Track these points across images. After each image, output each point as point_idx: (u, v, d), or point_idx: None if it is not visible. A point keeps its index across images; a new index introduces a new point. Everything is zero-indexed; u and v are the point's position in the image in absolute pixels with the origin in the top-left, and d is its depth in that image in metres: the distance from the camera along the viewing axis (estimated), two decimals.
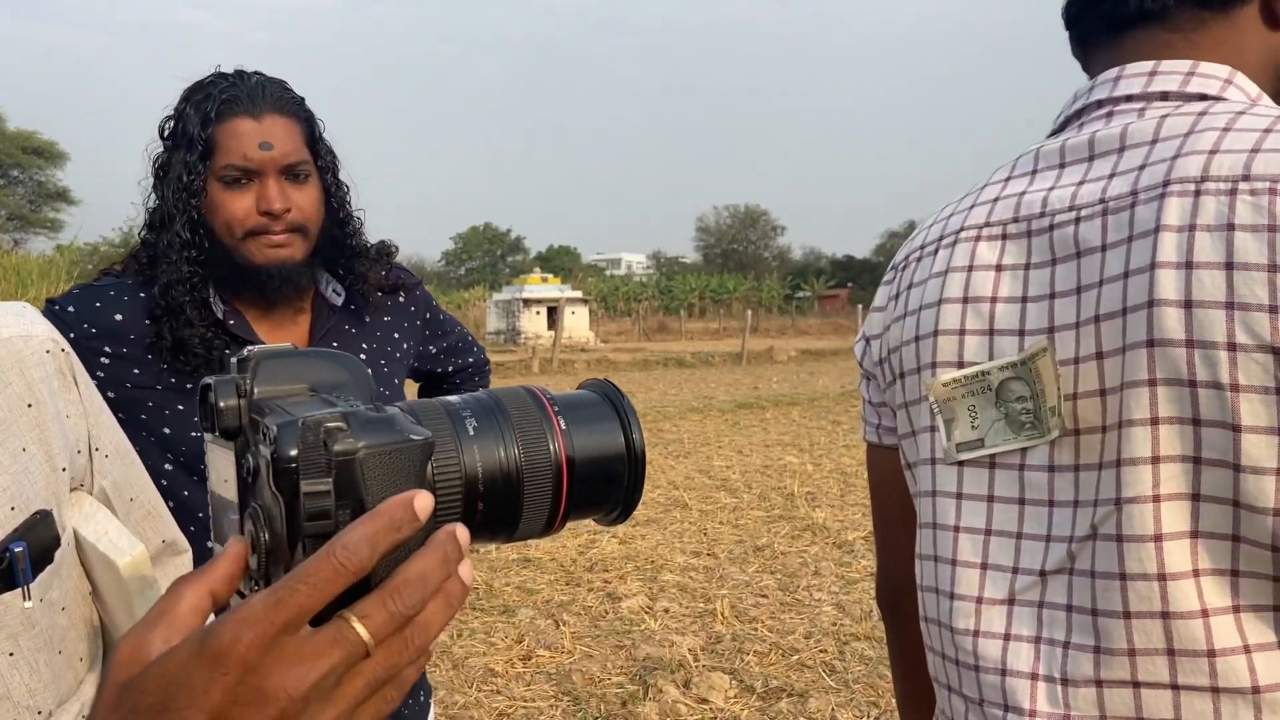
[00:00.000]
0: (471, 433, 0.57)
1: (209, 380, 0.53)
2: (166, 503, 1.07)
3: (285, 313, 1.42)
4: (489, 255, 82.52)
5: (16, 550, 0.78)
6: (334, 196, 1.43)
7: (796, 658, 4.19)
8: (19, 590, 0.79)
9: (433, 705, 1.57)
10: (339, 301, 1.47)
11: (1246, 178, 0.63)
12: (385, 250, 1.51)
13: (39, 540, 0.81)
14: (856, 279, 63.88)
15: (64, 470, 0.86)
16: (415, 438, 0.50)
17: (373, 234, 1.55)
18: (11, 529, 0.79)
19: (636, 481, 0.62)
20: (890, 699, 3.72)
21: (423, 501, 0.47)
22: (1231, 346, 0.62)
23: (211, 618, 0.45)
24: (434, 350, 1.65)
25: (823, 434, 10.97)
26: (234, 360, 0.54)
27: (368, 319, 1.50)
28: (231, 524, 0.53)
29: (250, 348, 0.54)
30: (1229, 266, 0.63)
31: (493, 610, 4.97)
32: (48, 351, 0.86)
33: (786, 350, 27.00)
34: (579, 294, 40.34)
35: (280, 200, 1.32)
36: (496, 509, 0.57)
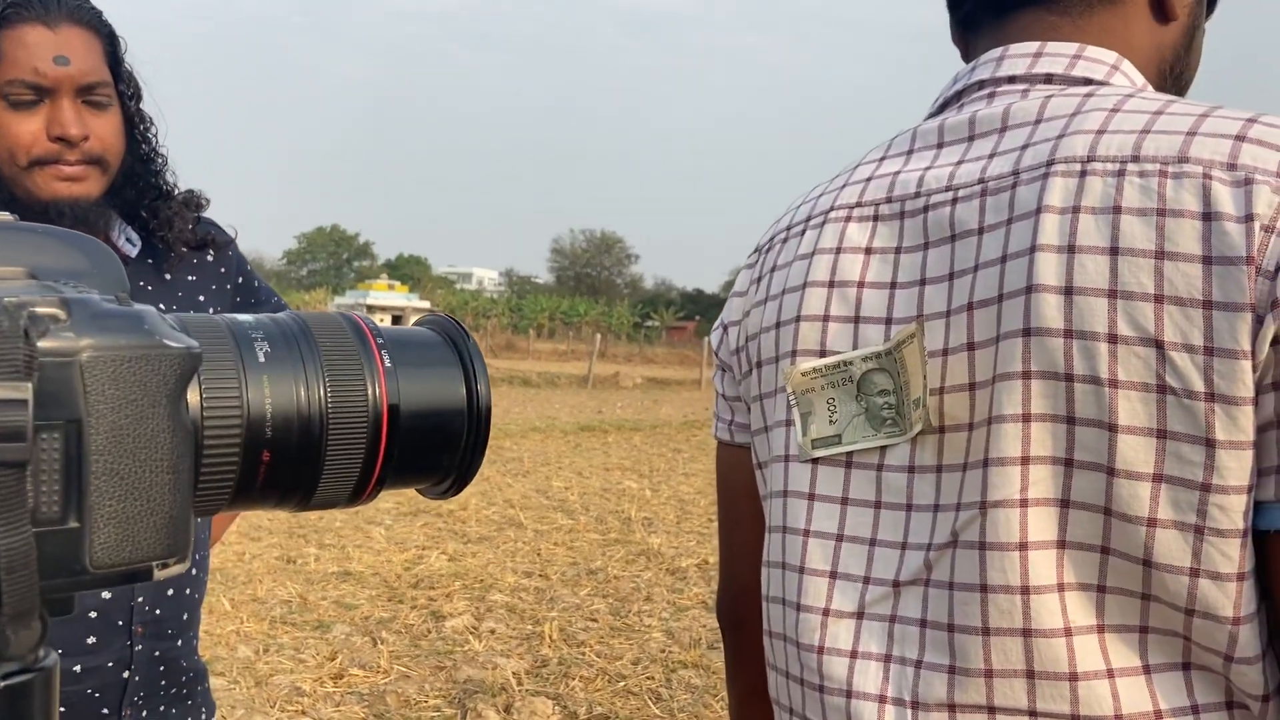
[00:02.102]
0: (262, 359, 0.43)
1: None
2: None
3: None
4: (334, 258, 79.72)
5: None
6: (137, 128, 1.24)
7: (623, 684, 4.11)
8: None
9: None
10: (133, 252, 1.27)
11: (1136, 159, 0.59)
12: (194, 200, 1.33)
13: None
14: (705, 312, 65.12)
15: None
16: (173, 344, 0.37)
17: (216, 220, 1.37)
18: None
19: (477, 445, 0.49)
20: None
21: None
22: (1112, 338, 0.57)
23: None
24: None
25: (663, 461, 11.01)
26: None
27: (168, 276, 1.30)
28: None
29: None
30: (1114, 251, 0.58)
31: (305, 625, 4.67)
32: None
33: (633, 377, 27.17)
34: (427, 304, 39.52)
35: (77, 125, 1.13)
36: (288, 463, 0.43)
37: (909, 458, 0.66)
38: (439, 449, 0.47)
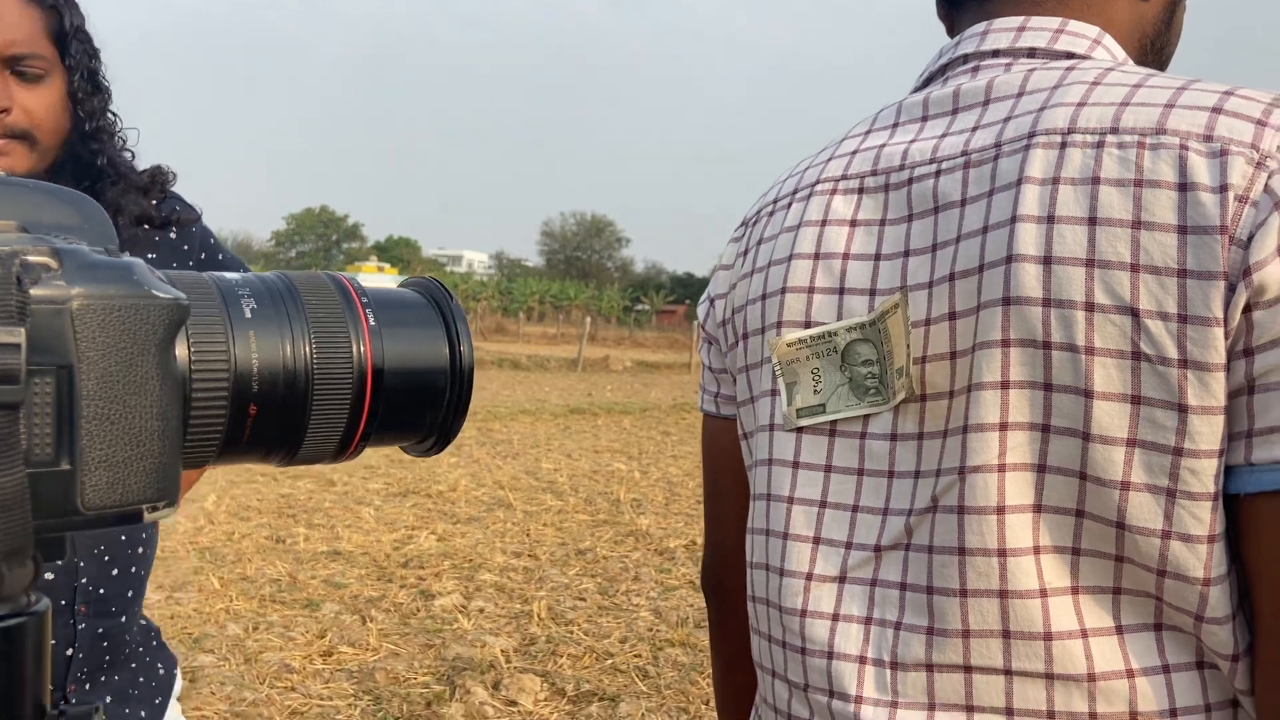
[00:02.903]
0: (249, 315, 0.44)
1: None
2: None
3: None
4: (323, 239, 79.26)
5: None
6: (82, 105, 1.20)
7: (610, 662, 4.14)
8: None
9: (179, 676, 1.39)
10: None
11: (1114, 130, 0.60)
12: (158, 178, 1.30)
13: None
14: (694, 296, 65.05)
15: None
16: (161, 295, 0.38)
17: (200, 199, 1.35)
18: None
19: (459, 404, 0.50)
20: (700, 706, 3.71)
21: None
22: (1089, 306, 0.58)
23: None
24: None
25: (652, 443, 11.03)
26: None
27: (125, 255, 1.28)
28: None
29: None
30: (1092, 221, 0.59)
31: (295, 604, 4.68)
32: None
33: (622, 360, 27.17)
34: None
35: None
36: (274, 417, 0.44)
37: (891, 426, 0.68)
38: (422, 407, 0.49)
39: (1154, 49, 0.76)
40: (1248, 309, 0.55)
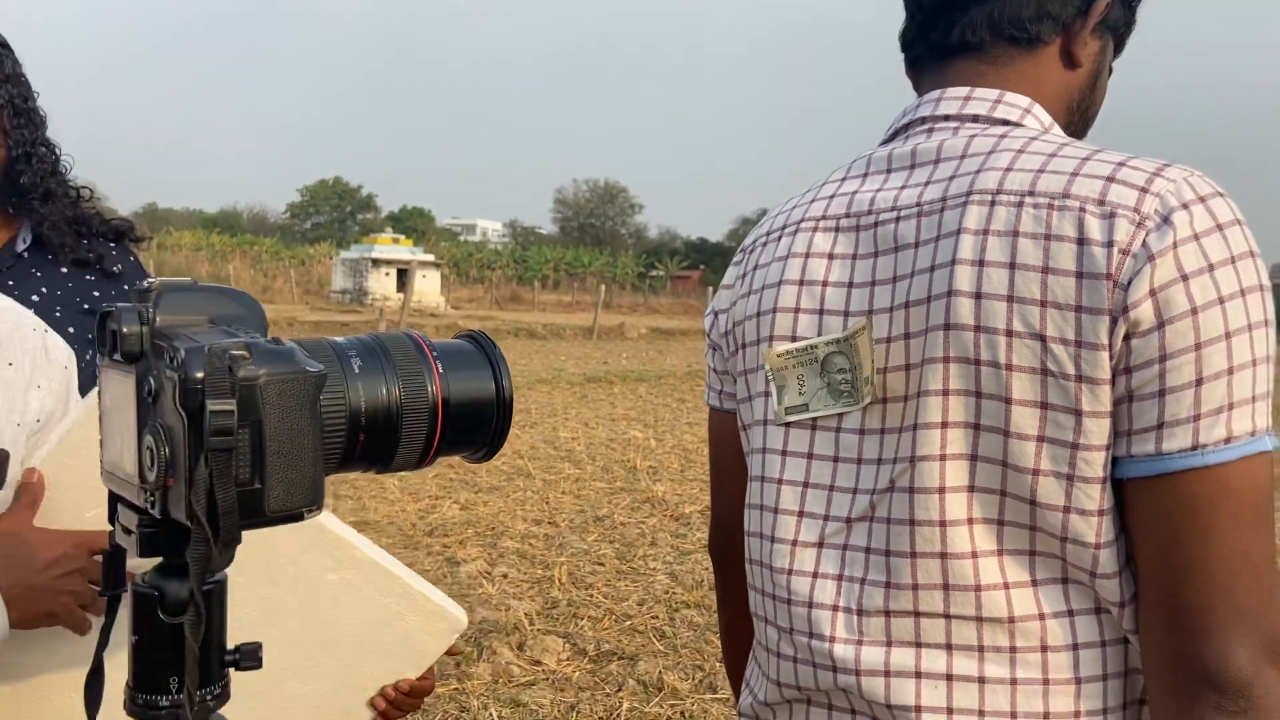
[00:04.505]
0: (356, 370, 0.63)
1: (109, 308, 0.57)
2: None
3: None
4: (338, 211, 79.52)
5: None
6: (11, 135, 1.41)
7: (629, 623, 4.34)
8: None
9: None
10: (22, 248, 1.48)
11: (1031, 193, 0.76)
12: (119, 230, 1.56)
13: None
14: (709, 261, 65.10)
15: (18, 426, 1.02)
16: (311, 369, 0.56)
17: (216, 172, 1.59)
18: None
19: (503, 425, 0.69)
20: (714, 663, 3.91)
21: None
22: (1009, 333, 0.75)
23: None
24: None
25: (668, 410, 11.22)
26: (134, 290, 0.58)
27: (63, 269, 1.52)
28: (124, 442, 0.57)
29: (150, 279, 0.58)
30: (1012, 266, 0.75)
31: None
32: (34, 330, 1.03)
33: (638, 327, 27.34)
34: (431, 257, 39.45)
35: None
36: (376, 441, 0.63)
37: (860, 422, 0.84)
38: (477, 428, 0.68)
39: (1079, 109, 0.92)
40: (1127, 337, 0.71)
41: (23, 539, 0.98)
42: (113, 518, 0.59)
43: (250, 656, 0.59)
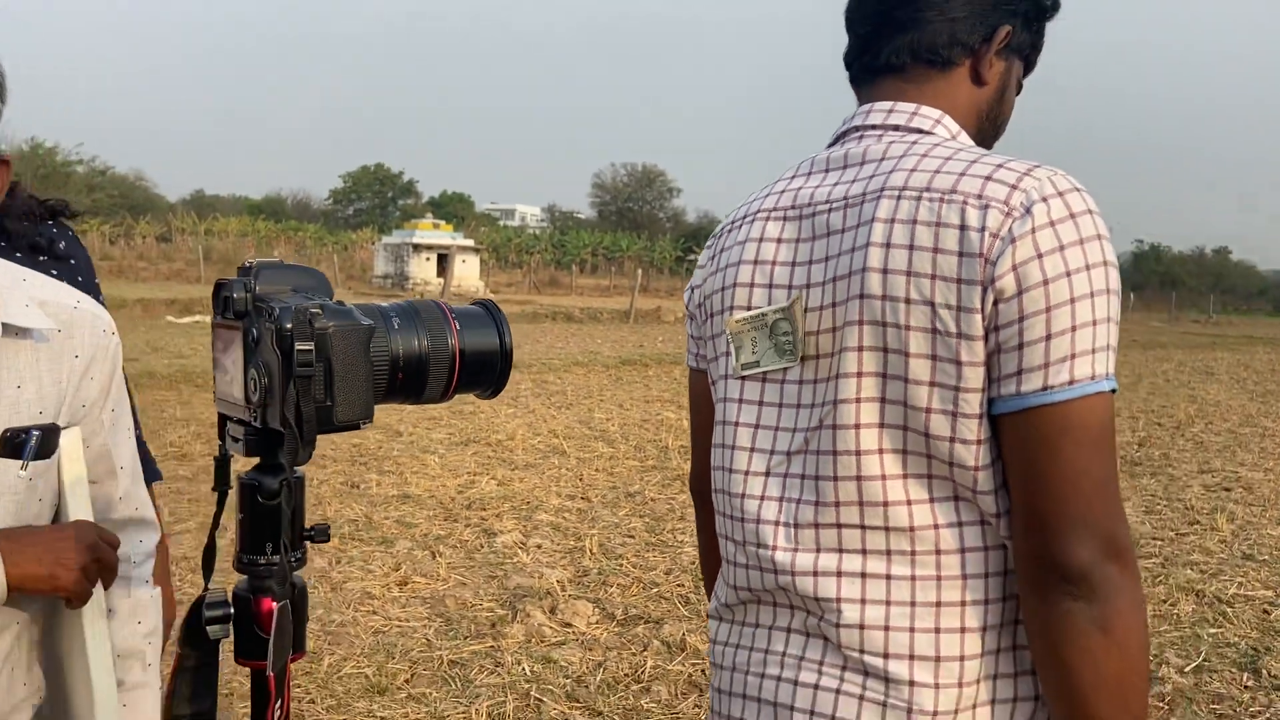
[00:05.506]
0: (396, 327, 0.85)
1: (221, 280, 0.79)
2: None
3: None
4: (379, 197, 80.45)
5: (34, 434, 1.02)
6: None
7: (656, 590, 4.57)
8: (20, 462, 1.02)
9: None
10: None
11: (928, 190, 0.95)
12: (53, 209, 1.58)
13: (46, 440, 1.06)
14: None
15: (70, 408, 1.12)
16: (364, 323, 0.78)
17: (261, 159, 1.62)
18: (34, 423, 1.05)
19: (505, 370, 0.92)
20: None
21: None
22: (907, 300, 0.94)
23: None
24: None
25: None
26: (239, 267, 0.81)
27: (18, 254, 1.54)
28: (233, 375, 0.80)
29: (250, 259, 0.81)
30: (911, 248, 0.94)
31: (372, 541, 5.18)
32: (104, 331, 1.14)
33: (674, 311, 27.50)
34: (471, 242, 39.87)
35: None
36: (411, 379, 0.86)
37: (799, 375, 1.04)
38: (485, 372, 0.92)
39: (989, 118, 1.11)
40: (995, 303, 0.91)
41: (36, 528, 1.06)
42: (222, 433, 0.82)
43: (322, 533, 0.81)
